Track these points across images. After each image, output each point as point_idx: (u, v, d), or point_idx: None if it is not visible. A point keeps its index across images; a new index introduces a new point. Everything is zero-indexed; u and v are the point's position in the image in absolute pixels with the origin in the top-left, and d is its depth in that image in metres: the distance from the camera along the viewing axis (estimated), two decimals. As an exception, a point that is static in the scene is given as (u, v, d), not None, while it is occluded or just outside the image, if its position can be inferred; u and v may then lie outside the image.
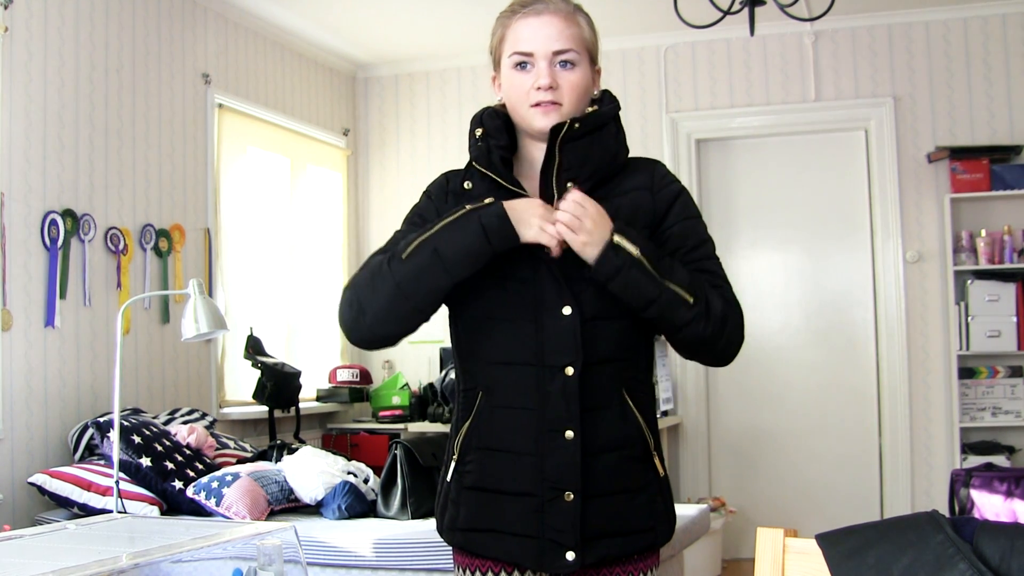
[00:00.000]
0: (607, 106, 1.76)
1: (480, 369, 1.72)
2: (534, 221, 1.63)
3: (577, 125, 1.68)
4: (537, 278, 1.68)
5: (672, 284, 1.62)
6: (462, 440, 1.73)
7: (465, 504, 1.72)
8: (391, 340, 1.71)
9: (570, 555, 1.65)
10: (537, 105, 1.70)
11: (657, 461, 1.74)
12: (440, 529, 1.78)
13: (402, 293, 1.63)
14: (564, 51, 1.70)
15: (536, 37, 1.69)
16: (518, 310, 1.68)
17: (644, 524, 1.72)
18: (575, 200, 1.62)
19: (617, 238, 1.61)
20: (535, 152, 1.76)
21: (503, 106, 1.79)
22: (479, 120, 1.79)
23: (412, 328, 1.69)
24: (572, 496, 1.65)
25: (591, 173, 1.71)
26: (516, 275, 1.68)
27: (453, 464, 1.74)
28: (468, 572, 1.74)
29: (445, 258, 1.61)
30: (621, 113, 1.80)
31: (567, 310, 1.66)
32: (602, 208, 1.64)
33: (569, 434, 1.65)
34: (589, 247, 1.61)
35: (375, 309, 1.65)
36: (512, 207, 1.63)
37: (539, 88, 1.69)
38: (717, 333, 1.67)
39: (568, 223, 1.61)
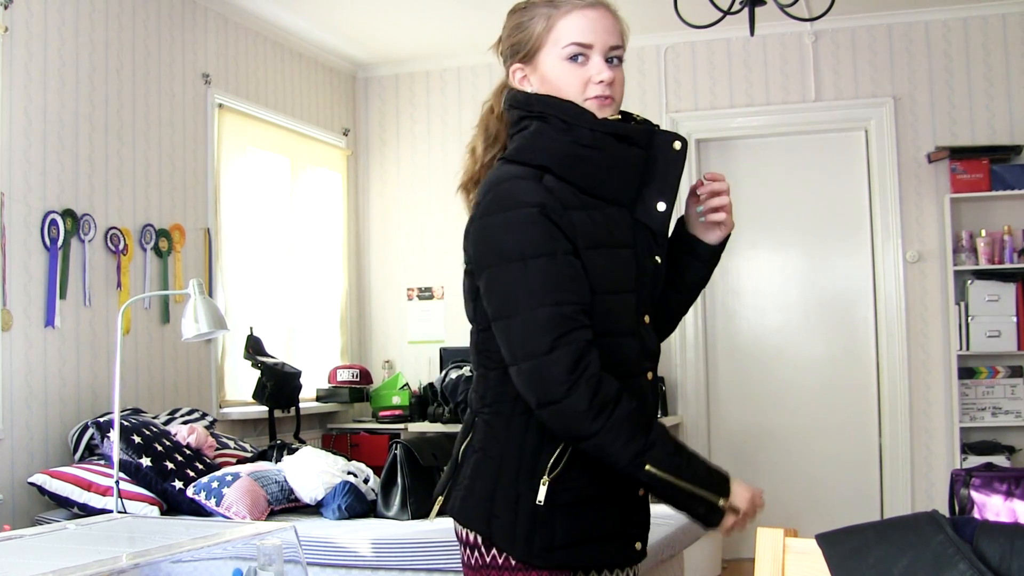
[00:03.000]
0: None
1: None
2: (741, 524, 1.63)
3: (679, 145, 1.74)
4: (640, 287, 1.69)
5: None
6: (566, 458, 1.62)
7: (560, 521, 1.63)
8: None
9: (639, 545, 1.71)
10: (595, 98, 1.67)
11: None
12: (529, 555, 1.62)
13: (623, 467, 1.58)
14: (617, 47, 1.70)
15: (596, 30, 1.67)
16: (631, 323, 1.68)
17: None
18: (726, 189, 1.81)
19: None
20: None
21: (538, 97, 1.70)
22: (571, 118, 1.66)
23: None
24: (643, 491, 1.70)
25: None
26: (637, 289, 1.68)
27: (545, 485, 1.61)
28: None
29: (668, 491, 1.59)
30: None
31: (647, 317, 1.72)
32: None
33: None
34: (729, 227, 1.83)
35: (598, 442, 1.57)
36: (731, 513, 1.61)
37: (600, 82, 1.66)
38: None
39: (728, 204, 1.80)
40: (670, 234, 1.79)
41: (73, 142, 4.02)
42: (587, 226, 1.61)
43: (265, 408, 4.83)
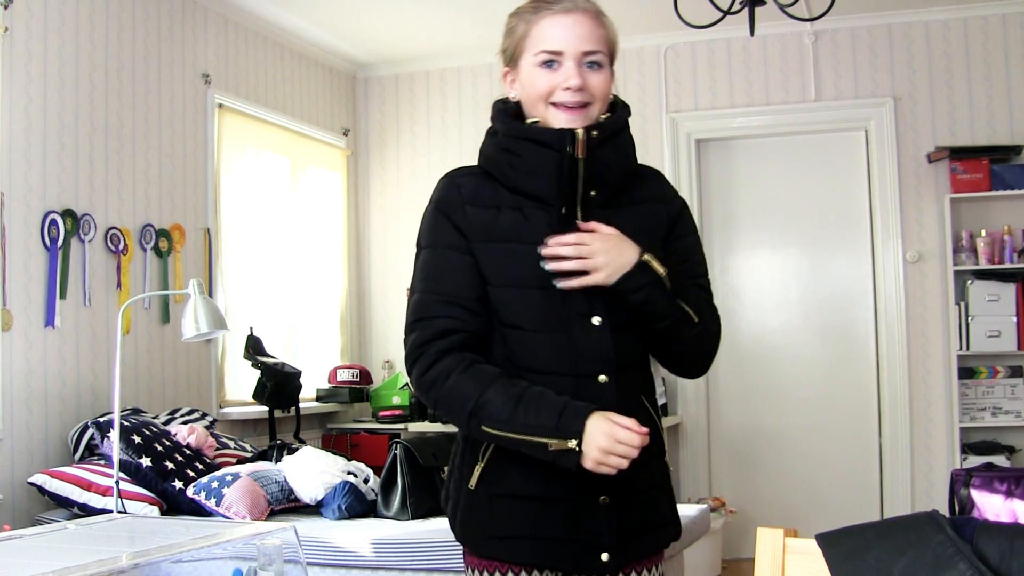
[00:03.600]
0: (620, 111, 1.73)
1: (516, 377, 1.66)
2: (601, 459, 1.55)
3: (595, 133, 1.65)
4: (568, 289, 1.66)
5: (683, 303, 1.67)
6: (492, 447, 1.67)
7: (497, 511, 1.67)
8: None
9: (605, 556, 1.66)
10: (558, 105, 1.67)
11: (667, 457, 1.80)
12: (464, 537, 1.71)
13: (469, 431, 1.67)
14: (593, 52, 1.67)
15: (567, 36, 1.66)
16: (550, 320, 1.66)
17: (667, 519, 1.76)
18: (573, 242, 1.63)
19: (646, 257, 1.64)
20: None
21: (517, 104, 1.75)
22: (497, 123, 1.74)
23: None
24: (607, 499, 1.66)
25: (612, 180, 1.70)
26: (547, 286, 1.65)
27: (479, 471, 1.68)
28: (486, 573, 1.69)
29: (511, 446, 1.61)
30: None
31: (596, 320, 1.66)
32: (613, 230, 1.65)
33: None
34: (612, 276, 1.63)
35: (441, 413, 1.70)
36: (588, 451, 1.54)
37: (567, 88, 1.65)
38: (709, 350, 1.77)
39: (577, 266, 1.63)
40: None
41: (73, 142, 4.02)
42: (487, 221, 1.67)
43: (265, 408, 4.83)
